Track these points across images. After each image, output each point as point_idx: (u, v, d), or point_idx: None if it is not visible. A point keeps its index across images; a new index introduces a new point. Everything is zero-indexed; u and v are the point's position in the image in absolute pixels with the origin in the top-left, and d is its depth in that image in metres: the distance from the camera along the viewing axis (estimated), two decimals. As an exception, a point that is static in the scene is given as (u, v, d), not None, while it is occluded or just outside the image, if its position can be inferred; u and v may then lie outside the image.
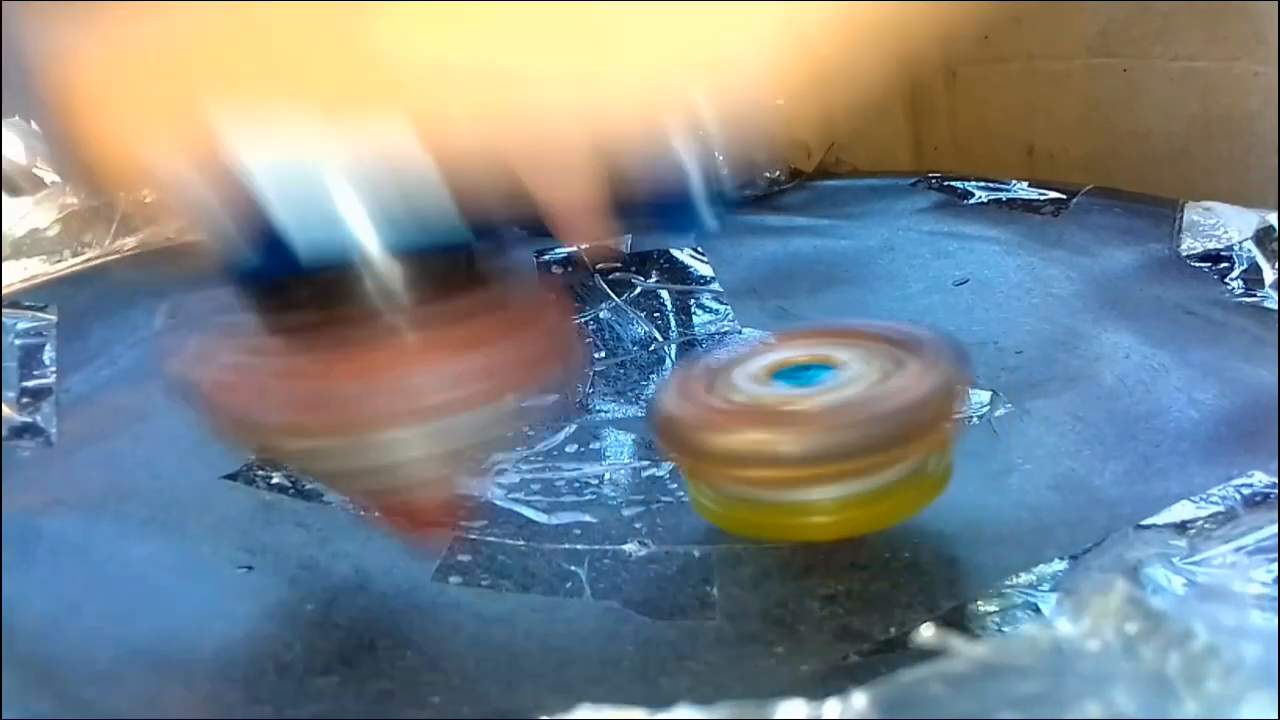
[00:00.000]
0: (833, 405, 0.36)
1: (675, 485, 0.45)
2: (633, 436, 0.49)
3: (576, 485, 0.45)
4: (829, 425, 0.35)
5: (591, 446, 0.48)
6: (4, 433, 0.44)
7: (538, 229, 0.32)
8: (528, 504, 0.43)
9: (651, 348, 0.59)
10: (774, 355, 0.40)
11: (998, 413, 0.48)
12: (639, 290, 0.64)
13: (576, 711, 0.22)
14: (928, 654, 0.22)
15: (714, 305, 0.63)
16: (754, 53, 0.31)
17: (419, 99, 0.28)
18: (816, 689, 0.22)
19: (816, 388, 0.37)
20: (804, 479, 0.36)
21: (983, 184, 0.72)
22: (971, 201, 0.71)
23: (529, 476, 0.46)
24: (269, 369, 0.31)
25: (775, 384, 0.38)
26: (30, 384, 0.47)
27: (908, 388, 0.36)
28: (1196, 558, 0.35)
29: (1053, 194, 0.68)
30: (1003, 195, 0.70)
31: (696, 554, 0.40)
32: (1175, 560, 0.35)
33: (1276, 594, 0.32)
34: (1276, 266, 0.55)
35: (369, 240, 0.29)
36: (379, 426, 0.30)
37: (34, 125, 0.62)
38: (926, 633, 0.23)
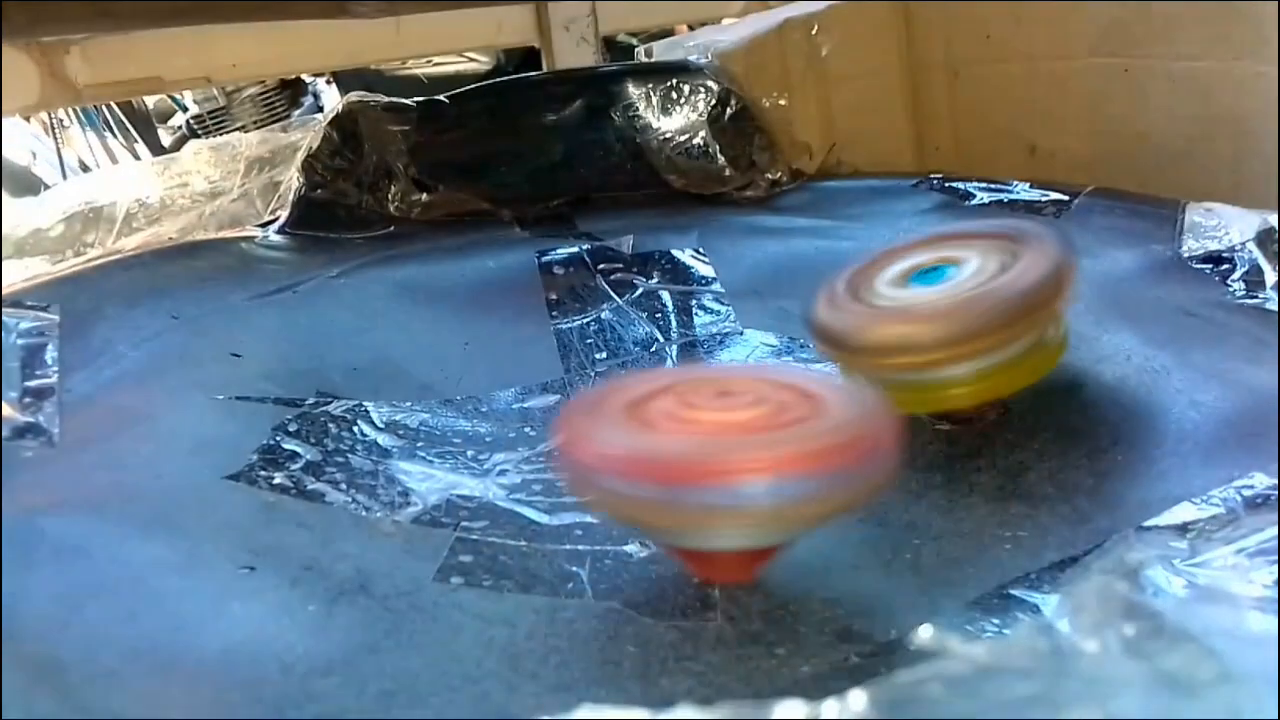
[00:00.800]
0: (958, 300, 0.44)
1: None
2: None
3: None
4: (958, 316, 0.43)
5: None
6: (6, 433, 0.44)
7: (539, 229, 0.33)
8: (529, 504, 0.44)
9: (653, 348, 0.59)
10: (906, 261, 0.48)
11: (998, 413, 0.48)
12: (641, 291, 0.64)
13: (577, 712, 0.22)
14: (927, 655, 0.22)
15: (715, 306, 0.63)
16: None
17: None
18: (816, 690, 0.22)
19: (945, 285, 0.45)
20: (943, 360, 0.44)
21: (984, 185, 0.72)
22: (973, 203, 0.71)
23: (530, 477, 0.46)
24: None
25: (911, 286, 0.46)
26: (33, 384, 0.47)
27: (1020, 276, 0.44)
28: (1197, 559, 0.35)
29: (1054, 195, 0.68)
30: (1004, 196, 0.70)
31: (697, 555, 0.40)
32: (1176, 562, 0.35)
33: (1277, 596, 0.32)
34: (1277, 268, 0.54)
35: None
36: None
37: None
38: (925, 634, 0.23)
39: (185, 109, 1.76)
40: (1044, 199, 0.68)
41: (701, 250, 0.68)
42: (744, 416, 0.36)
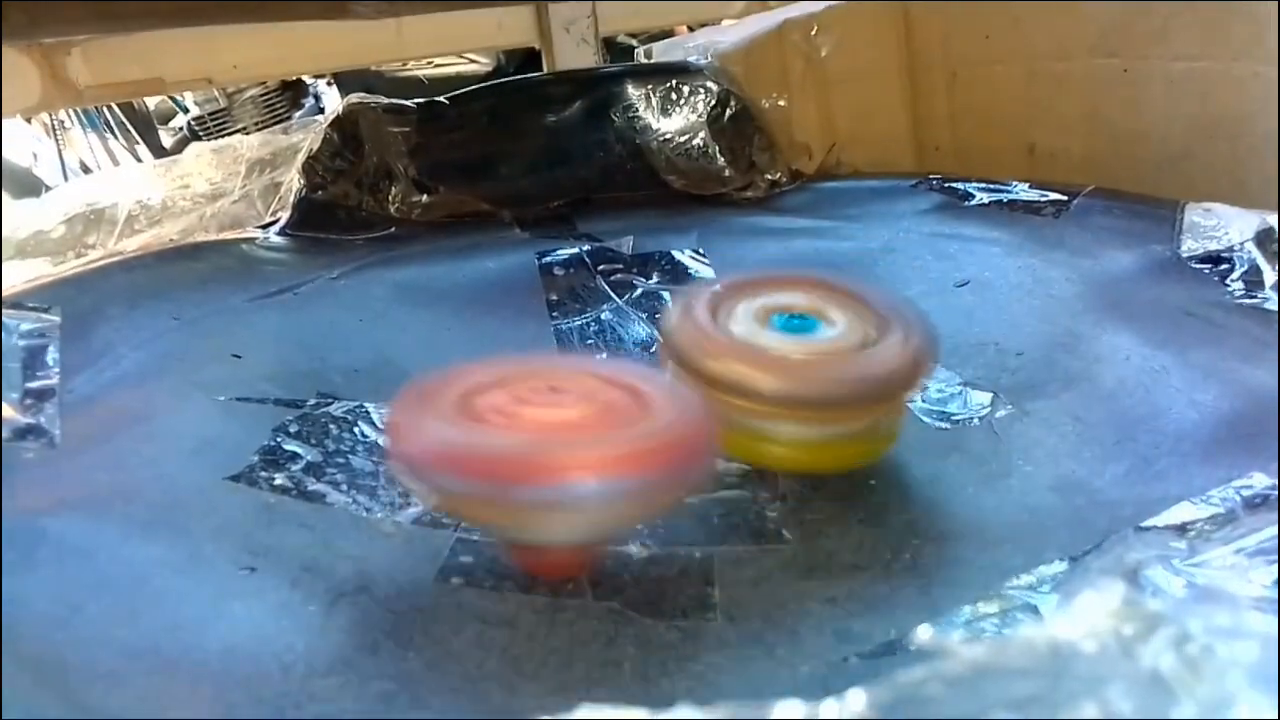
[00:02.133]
0: (810, 361, 0.42)
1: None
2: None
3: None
4: (809, 375, 0.42)
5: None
6: (8, 434, 0.44)
7: (539, 230, 0.33)
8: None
9: (653, 349, 0.59)
10: (777, 297, 0.45)
11: (998, 414, 0.48)
12: (640, 291, 0.64)
13: (577, 712, 0.22)
14: (926, 655, 0.22)
15: (715, 306, 0.63)
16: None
17: None
18: (816, 690, 0.22)
19: (803, 339, 0.43)
20: (771, 415, 0.42)
21: (984, 185, 0.72)
22: (972, 203, 0.71)
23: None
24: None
25: (770, 328, 0.44)
26: (34, 385, 0.47)
27: (880, 358, 0.42)
28: (1196, 559, 0.35)
29: (1054, 195, 0.68)
30: (1003, 197, 0.70)
31: (697, 555, 0.40)
32: (1175, 562, 0.35)
33: (1276, 596, 0.32)
34: (1277, 268, 0.54)
35: None
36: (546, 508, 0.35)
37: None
38: (925, 634, 0.23)
39: (186, 110, 1.76)
40: (1043, 199, 0.68)
41: (701, 251, 0.68)
42: (572, 415, 0.37)
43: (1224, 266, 0.57)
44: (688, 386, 0.42)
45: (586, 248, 0.68)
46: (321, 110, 1.70)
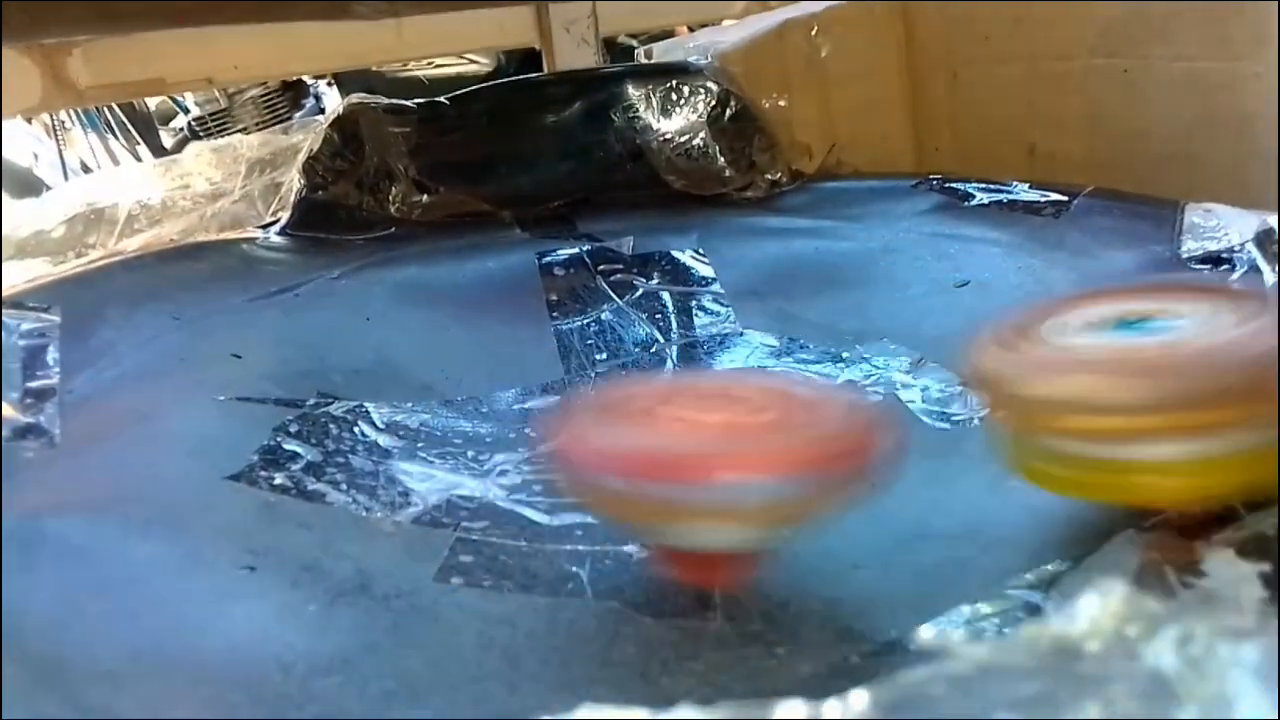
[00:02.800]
0: (1176, 352, 0.31)
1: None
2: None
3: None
4: (1175, 372, 0.30)
5: (593, 448, 0.48)
6: (8, 434, 0.44)
7: (539, 230, 0.33)
8: (530, 505, 0.44)
9: (653, 349, 0.59)
10: (1105, 307, 0.36)
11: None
12: (640, 292, 0.64)
13: (578, 711, 0.22)
14: (928, 655, 0.22)
15: (715, 307, 0.63)
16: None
17: None
18: (817, 690, 0.22)
19: (1161, 335, 0.33)
20: (1142, 430, 0.30)
21: (984, 186, 0.72)
22: (972, 203, 0.71)
23: (531, 478, 0.46)
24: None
25: (1113, 333, 0.34)
26: (34, 385, 0.47)
27: (1266, 332, 0.30)
28: (1196, 560, 0.35)
29: (1054, 195, 0.68)
30: (1004, 197, 0.70)
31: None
32: (1175, 562, 0.35)
33: (1276, 596, 0.32)
34: (1277, 269, 0.54)
35: None
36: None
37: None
38: (927, 634, 0.23)
39: (187, 110, 1.76)
40: (1043, 199, 0.68)
41: (701, 251, 0.68)
42: (746, 420, 0.37)
43: (1224, 267, 0.56)
44: (1020, 433, 0.35)
45: (587, 248, 0.68)
46: (322, 110, 1.70)
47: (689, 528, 0.35)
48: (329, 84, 1.76)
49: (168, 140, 1.76)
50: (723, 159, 0.77)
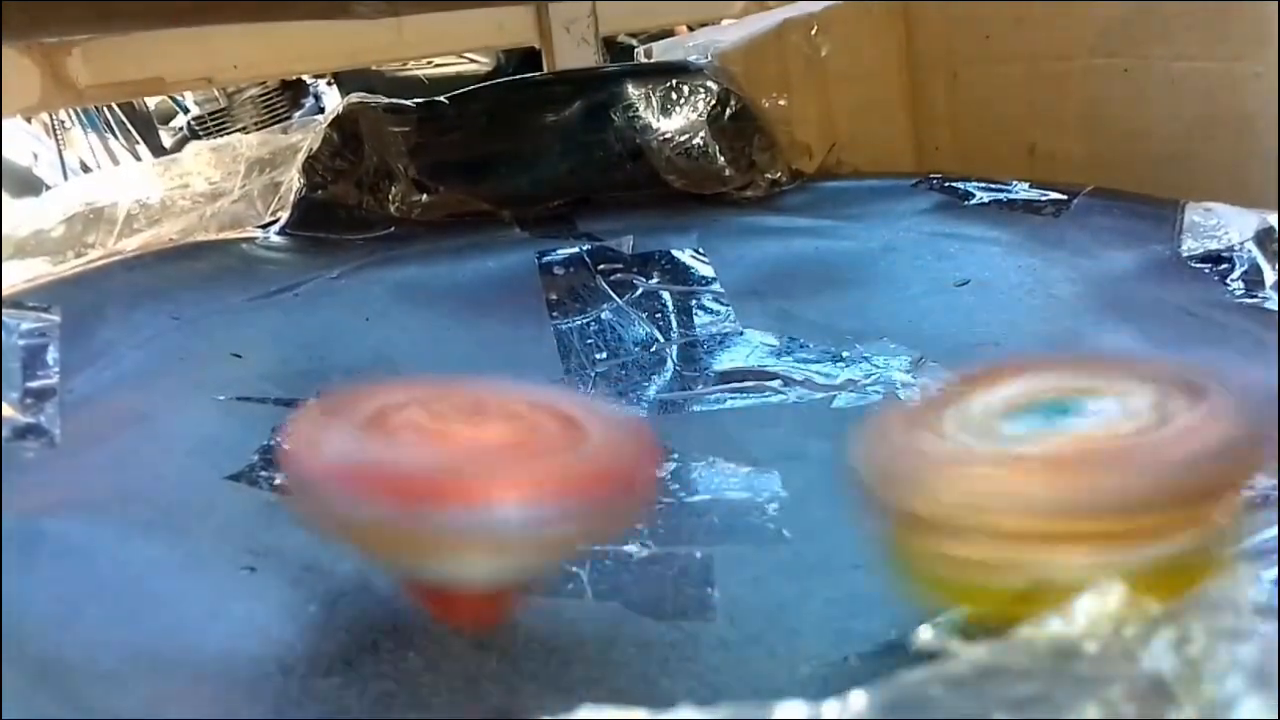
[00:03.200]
0: (1094, 448, 0.27)
1: (676, 486, 0.45)
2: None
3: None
4: (1090, 471, 0.26)
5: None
6: (8, 434, 0.44)
7: (539, 229, 0.33)
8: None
9: (653, 348, 0.59)
10: (1014, 386, 0.31)
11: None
12: (640, 291, 0.64)
13: (578, 712, 0.22)
14: (927, 656, 0.22)
15: (715, 306, 0.63)
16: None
17: None
18: (816, 690, 0.22)
19: (1081, 422, 0.28)
20: (1063, 537, 0.26)
21: (984, 185, 0.72)
22: (972, 202, 0.71)
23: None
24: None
25: (1022, 420, 0.29)
26: (34, 385, 0.47)
27: (1200, 432, 0.26)
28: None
29: (1054, 195, 0.68)
30: (1004, 196, 0.70)
31: (698, 555, 0.40)
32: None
33: (1277, 596, 0.32)
34: (1277, 268, 0.54)
35: None
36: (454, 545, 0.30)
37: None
38: (926, 635, 0.23)
39: (186, 110, 1.76)
40: (1043, 199, 0.68)
41: (701, 250, 0.68)
42: (496, 435, 0.32)
43: (1224, 266, 0.57)
44: (912, 554, 0.30)
45: (586, 247, 0.68)
46: (321, 110, 1.70)
47: (432, 560, 0.31)
48: (328, 83, 1.76)
49: (167, 140, 1.76)
50: (723, 158, 0.77)
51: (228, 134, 1.62)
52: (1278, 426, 0.32)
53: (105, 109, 1.66)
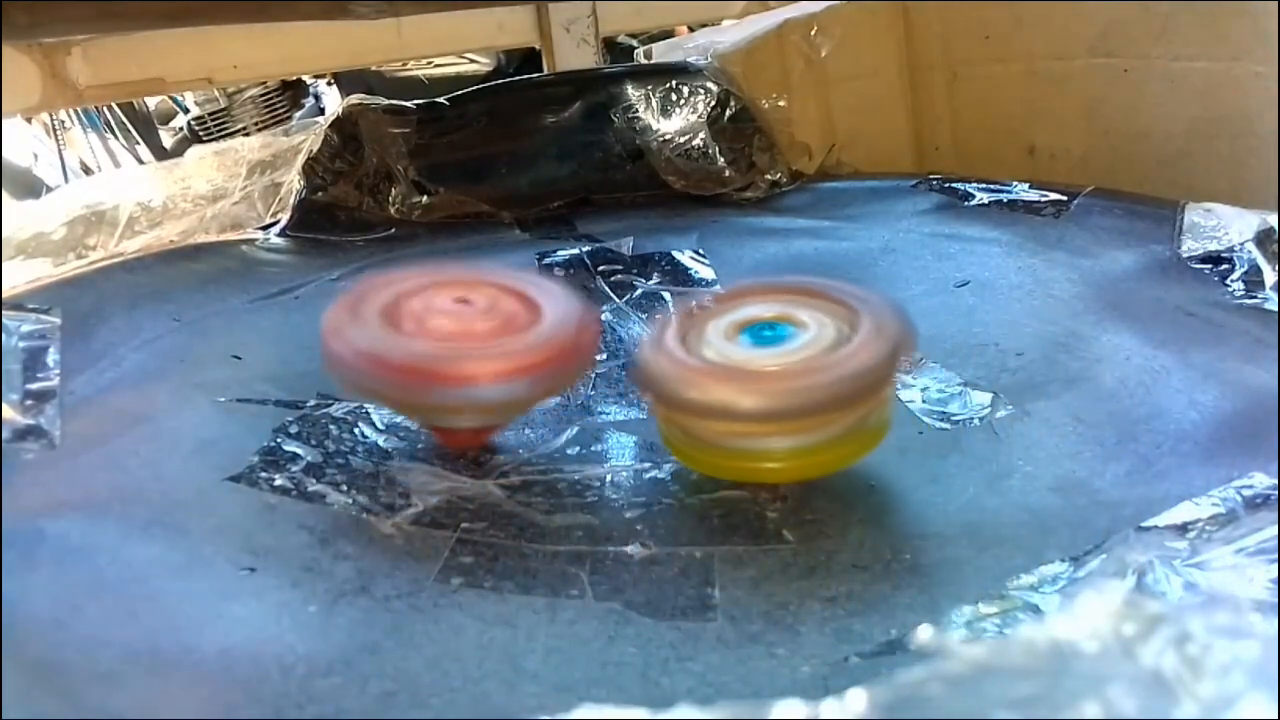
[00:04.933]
0: (793, 366, 0.42)
1: (676, 487, 0.45)
2: (634, 439, 0.49)
3: (578, 487, 0.45)
4: (788, 386, 0.41)
5: (593, 449, 0.48)
6: (8, 435, 0.44)
7: (539, 230, 0.35)
8: (529, 506, 0.44)
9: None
10: (744, 310, 0.45)
11: (999, 414, 0.48)
12: (640, 292, 0.64)
13: (578, 712, 0.22)
14: (927, 655, 0.22)
15: (715, 307, 0.63)
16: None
17: None
18: (816, 690, 0.22)
19: (777, 349, 0.42)
20: (760, 433, 0.41)
21: (984, 185, 0.72)
22: (972, 203, 0.71)
23: (531, 479, 0.46)
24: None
25: (742, 342, 0.43)
26: (34, 386, 0.47)
27: (856, 355, 0.41)
28: (1196, 559, 0.35)
29: (1054, 195, 0.68)
30: (1003, 197, 0.70)
31: (698, 555, 0.40)
32: (1175, 562, 0.35)
33: (1277, 596, 0.32)
34: (1277, 268, 0.54)
35: None
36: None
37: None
38: (925, 634, 0.23)
39: (186, 110, 1.76)
40: (1043, 199, 0.68)
41: (701, 251, 0.68)
42: (476, 326, 0.45)
43: (1224, 267, 0.57)
44: (671, 424, 0.44)
45: (586, 248, 0.68)
46: (322, 110, 1.70)
47: (436, 417, 0.46)
48: (329, 84, 1.76)
49: (167, 140, 1.76)
50: (722, 159, 0.77)
51: (228, 135, 1.62)
52: (1278, 426, 0.33)
53: (105, 109, 1.66)
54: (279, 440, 0.46)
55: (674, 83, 0.78)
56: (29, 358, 0.49)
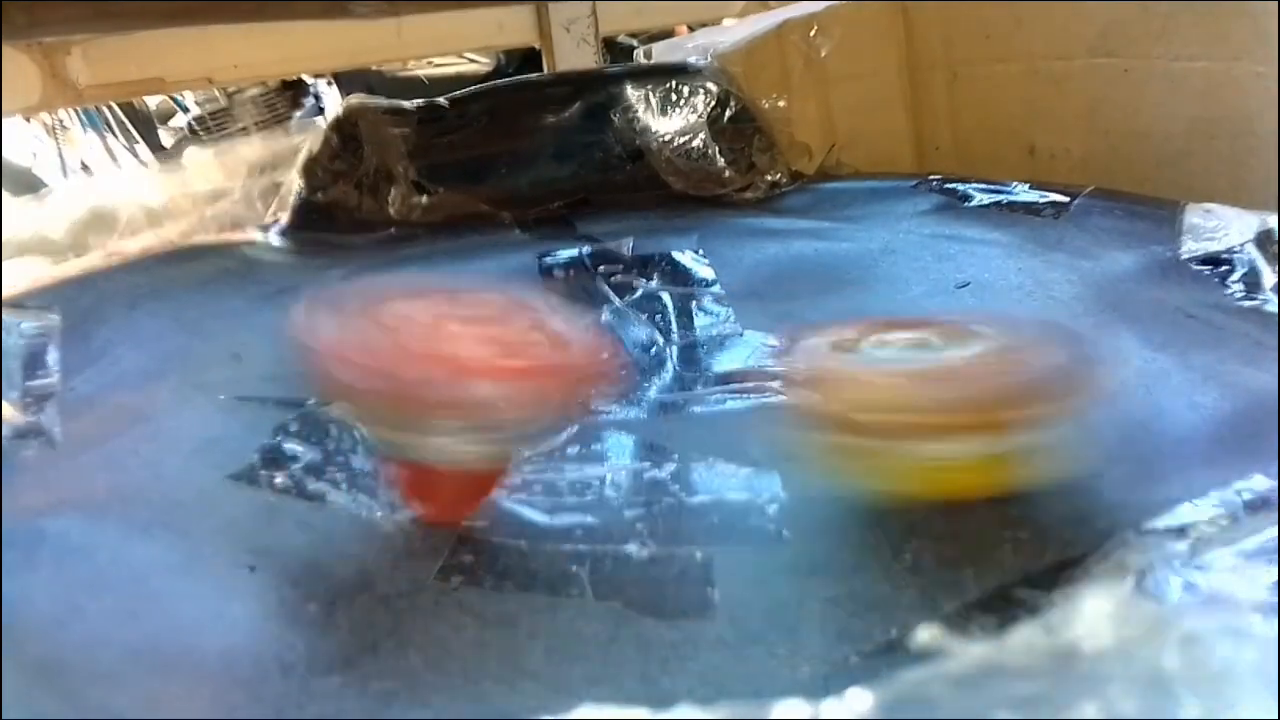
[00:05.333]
0: (974, 365, 0.38)
1: (676, 486, 0.45)
2: (634, 438, 0.49)
3: (578, 486, 0.45)
4: (976, 381, 0.37)
5: (593, 448, 0.48)
6: (8, 434, 0.44)
7: (539, 231, 0.35)
8: (530, 505, 0.44)
9: (653, 350, 0.59)
10: (892, 333, 0.41)
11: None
12: (640, 293, 0.64)
13: (578, 711, 0.22)
14: (928, 655, 0.22)
15: (715, 308, 0.63)
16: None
17: None
18: (816, 690, 0.22)
19: (949, 354, 0.39)
20: (949, 428, 0.36)
21: (984, 186, 0.72)
22: (972, 204, 0.71)
23: (531, 478, 0.46)
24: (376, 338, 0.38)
25: (903, 352, 0.40)
26: (34, 385, 0.47)
27: (1043, 356, 0.38)
28: (1197, 561, 0.35)
29: (1054, 196, 0.68)
30: (1004, 198, 0.70)
31: (698, 555, 0.40)
32: (1175, 564, 0.35)
33: (1277, 597, 0.32)
34: (1277, 270, 0.54)
35: None
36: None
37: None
38: (926, 634, 0.23)
39: (186, 110, 1.76)
40: (1043, 200, 0.68)
41: (701, 252, 0.68)
42: (487, 334, 0.40)
43: (1224, 268, 0.57)
44: (831, 436, 0.39)
45: (586, 249, 0.68)
46: (321, 110, 1.70)
47: (427, 438, 0.38)
48: (328, 83, 1.76)
49: (167, 139, 1.76)
50: (722, 160, 0.77)
51: (227, 134, 1.62)
52: (1278, 428, 0.34)
53: (105, 108, 1.66)
54: (279, 439, 0.46)
55: (674, 83, 0.78)
56: (29, 356, 0.49)
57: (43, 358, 0.49)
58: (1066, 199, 0.68)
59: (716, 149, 0.77)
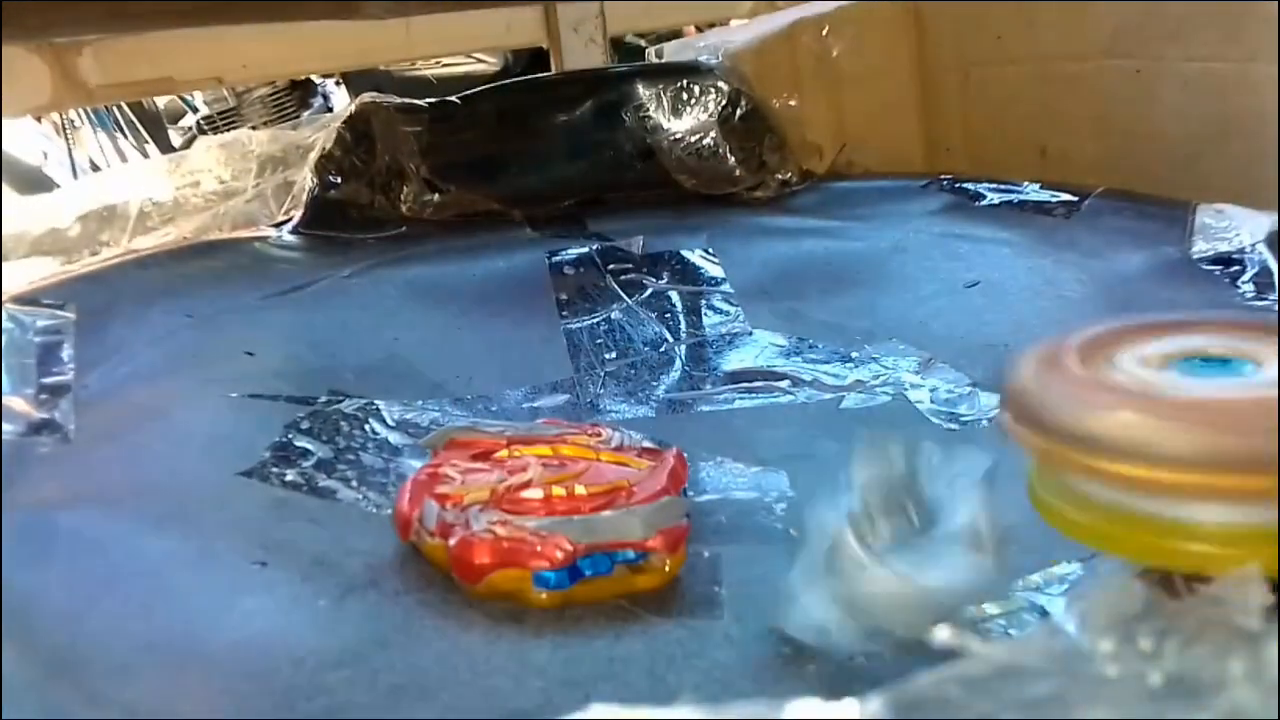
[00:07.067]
0: (1245, 402, 0.26)
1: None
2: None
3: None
4: (1233, 425, 0.26)
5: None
6: (22, 429, 0.45)
7: (549, 229, 0.34)
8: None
9: (662, 348, 0.59)
10: (1180, 340, 0.30)
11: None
12: (650, 291, 0.64)
13: (586, 709, 0.22)
14: (941, 655, 0.22)
15: (725, 306, 0.63)
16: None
17: None
18: (820, 688, 0.22)
19: (1229, 380, 0.28)
20: (1192, 486, 0.26)
21: (995, 186, 0.72)
22: (983, 203, 0.71)
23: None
24: None
25: (1177, 370, 0.29)
26: (49, 381, 0.47)
27: None
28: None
29: (1064, 196, 0.68)
30: (1014, 197, 0.70)
31: (705, 554, 0.40)
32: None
33: (1277, 598, 0.32)
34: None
35: None
36: None
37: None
38: (942, 634, 0.23)
39: (196, 109, 1.77)
40: (1054, 200, 0.68)
41: (711, 251, 0.68)
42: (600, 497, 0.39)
43: (1235, 268, 0.56)
44: (1053, 473, 0.31)
45: (597, 247, 0.68)
46: (330, 110, 1.71)
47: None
48: (337, 83, 1.77)
49: (176, 139, 1.77)
50: (733, 159, 0.77)
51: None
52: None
53: (115, 108, 1.66)
54: (290, 436, 0.47)
55: (685, 82, 0.78)
56: (44, 353, 0.49)
57: (57, 354, 0.49)
58: (1077, 199, 0.67)
59: (727, 148, 0.77)
